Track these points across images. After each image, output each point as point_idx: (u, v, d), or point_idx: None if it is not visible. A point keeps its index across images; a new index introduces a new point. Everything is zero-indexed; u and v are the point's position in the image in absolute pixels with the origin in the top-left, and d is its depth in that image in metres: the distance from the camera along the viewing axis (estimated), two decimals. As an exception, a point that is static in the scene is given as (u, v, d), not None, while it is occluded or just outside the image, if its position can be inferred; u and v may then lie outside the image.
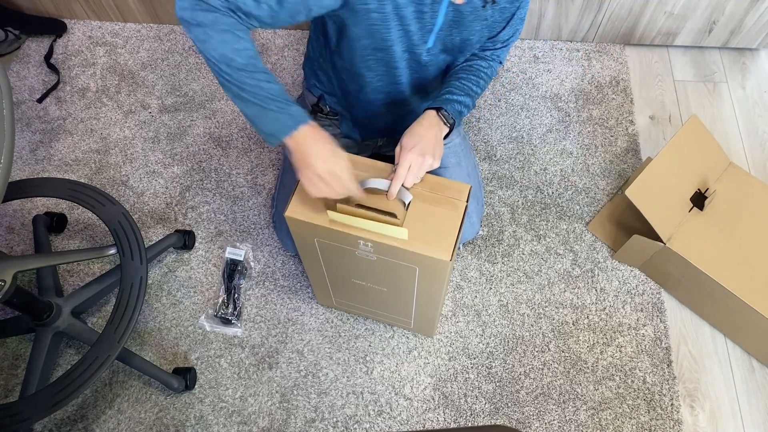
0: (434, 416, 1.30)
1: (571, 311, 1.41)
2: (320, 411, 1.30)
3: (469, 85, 1.11)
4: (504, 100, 1.73)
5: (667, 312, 1.41)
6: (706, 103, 1.72)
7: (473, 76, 1.13)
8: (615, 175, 1.59)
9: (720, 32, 1.74)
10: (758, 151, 1.64)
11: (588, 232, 1.51)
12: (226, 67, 0.86)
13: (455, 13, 0.99)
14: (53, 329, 1.25)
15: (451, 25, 1.01)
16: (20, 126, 1.72)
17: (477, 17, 1.01)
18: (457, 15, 0.99)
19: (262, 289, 1.45)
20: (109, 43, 1.87)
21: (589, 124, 1.68)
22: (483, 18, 1.02)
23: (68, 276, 1.47)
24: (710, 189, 1.39)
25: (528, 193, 1.57)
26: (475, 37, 1.06)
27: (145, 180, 1.61)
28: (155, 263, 1.48)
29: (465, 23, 1.01)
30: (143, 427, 1.29)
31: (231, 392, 1.33)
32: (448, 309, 1.41)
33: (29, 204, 1.58)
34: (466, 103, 1.10)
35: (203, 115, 1.72)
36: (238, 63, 0.86)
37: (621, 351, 1.36)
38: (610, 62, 1.79)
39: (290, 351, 1.37)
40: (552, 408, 1.30)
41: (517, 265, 1.47)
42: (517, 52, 1.81)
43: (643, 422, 1.28)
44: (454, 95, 1.08)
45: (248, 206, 1.56)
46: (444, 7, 0.96)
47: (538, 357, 1.35)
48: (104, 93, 1.77)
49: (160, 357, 1.37)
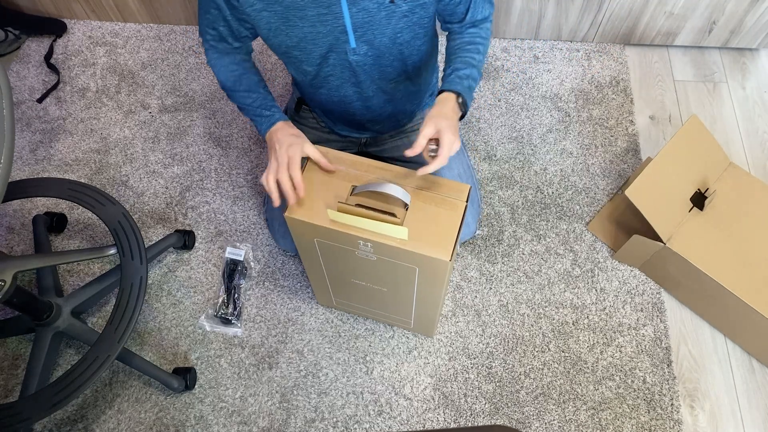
0: (434, 416, 1.30)
1: (571, 311, 1.41)
2: (320, 411, 1.30)
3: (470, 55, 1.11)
4: (504, 100, 1.73)
5: (667, 312, 1.41)
6: (706, 103, 1.72)
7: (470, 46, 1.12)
8: (615, 175, 1.59)
9: (720, 32, 1.73)
10: (758, 151, 1.64)
11: (588, 232, 1.51)
12: (224, 89, 1.16)
13: (363, 12, 0.98)
14: (53, 329, 1.25)
15: (365, 24, 1.00)
16: (20, 126, 1.72)
17: (391, 13, 0.99)
18: (366, 14, 0.98)
19: (262, 289, 1.45)
20: (109, 43, 1.87)
21: (589, 124, 1.68)
22: (401, 15, 1.00)
23: (68, 276, 1.47)
24: (710, 189, 1.39)
25: (528, 193, 1.57)
26: (405, 35, 1.04)
27: (145, 180, 1.61)
28: (155, 263, 1.48)
29: (378, 21, 1.00)
30: (143, 427, 1.29)
31: (231, 392, 1.33)
32: (448, 309, 1.41)
33: (29, 204, 1.58)
34: (473, 76, 1.11)
35: (203, 115, 1.72)
36: (228, 86, 1.15)
37: (621, 351, 1.36)
38: (610, 62, 1.79)
39: (290, 351, 1.37)
40: (552, 408, 1.30)
41: (517, 265, 1.47)
42: (517, 52, 1.81)
43: (643, 422, 1.28)
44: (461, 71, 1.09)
45: (248, 206, 1.56)
46: (344, 7, 0.96)
47: (538, 357, 1.35)
48: (104, 93, 1.77)
49: (160, 357, 1.37)
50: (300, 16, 0.98)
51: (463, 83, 1.08)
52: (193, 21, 1.88)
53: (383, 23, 1.00)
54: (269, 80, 1.78)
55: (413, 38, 1.07)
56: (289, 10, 0.97)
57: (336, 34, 1.01)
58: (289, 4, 0.96)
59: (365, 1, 0.96)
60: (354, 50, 1.05)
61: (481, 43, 1.14)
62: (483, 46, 1.14)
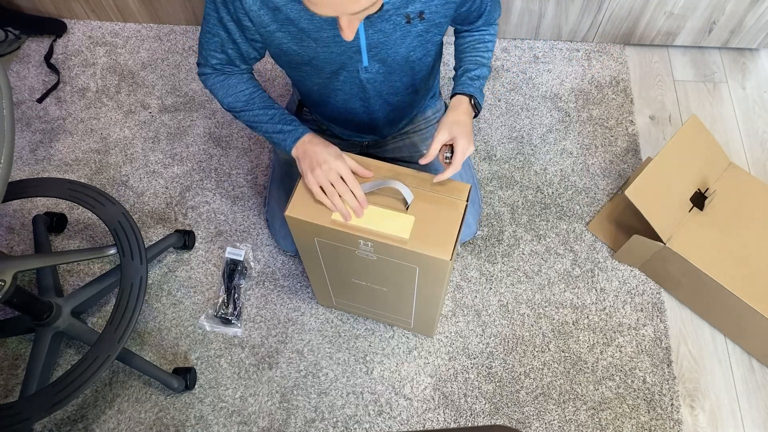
0: (434, 416, 1.30)
1: (571, 311, 1.41)
2: (320, 411, 1.30)
3: (480, 54, 1.13)
4: (504, 100, 1.73)
5: (667, 312, 1.41)
6: (706, 103, 1.72)
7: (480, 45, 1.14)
8: (615, 175, 1.59)
9: (720, 32, 1.74)
10: (758, 151, 1.64)
11: (588, 232, 1.51)
12: (232, 110, 1.11)
13: (379, 34, 0.97)
14: (53, 329, 1.25)
15: (380, 44, 0.99)
16: (20, 126, 1.72)
17: (407, 33, 0.98)
18: (381, 35, 0.97)
19: (262, 289, 1.45)
20: (109, 43, 1.87)
21: (589, 124, 1.68)
22: (416, 34, 0.99)
23: (68, 276, 1.47)
24: (710, 189, 1.39)
25: (528, 193, 1.57)
26: (418, 52, 1.03)
27: (145, 180, 1.61)
28: (155, 263, 1.48)
29: (393, 41, 0.99)
30: (143, 427, 1.29)
31: (231, 392, 1.33)
32: (448, 309, 1.41)
33: (29, 204, 1.58)
34: (484, 75, 1.13)
35: (203, 115, 1.72)
36: (238, 107, 1.10)
37: (621, 351, 1.36)
38: (610, 62, 1.79)
39: (290, 351, 1.37)
40: (552, 408, 1.30)
41: (517, 265, 1.47)
42: (517, 52, 1.81)
43: (643, 422, 1.28)
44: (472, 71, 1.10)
45: (248, 206, 1.56)
46: (360, 28, 0.95)
47: (538, 357, 1.35)
48: (104, 93, 1.77)
49: (160, 357, 1.37)
50: (315, 37, 0.96)
51: (475, 84, 1.09)
52: (193, 21, 1.88)
53: (398, 43, 0.99)
54: (269, 80, 1.78)
55: (425, 55, 1.06)
56: (305, 32, 0.95)
57: (350, 54, 0.99)
58: (305, 26, 0.94)
59: (382, 22, 0.94)
60: (366, 68, 1.03)
61: (490, 41, 1.15)
62: (491, 44, 1.15)
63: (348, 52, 0.99)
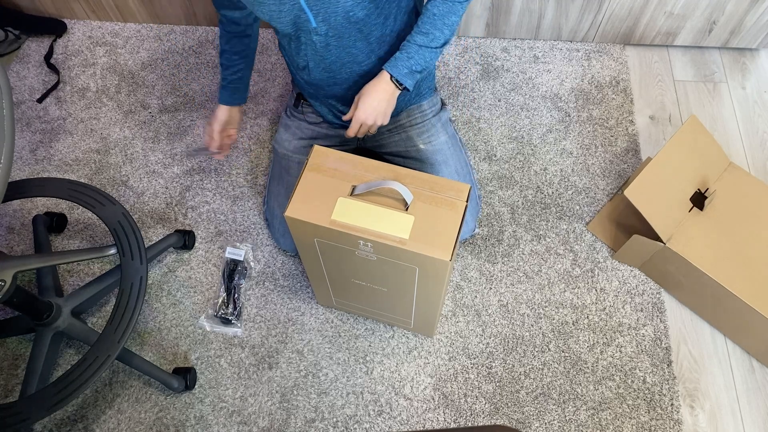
0: (434, 416, 1.30)
1: (571, 311, 1.41)
2: (320, 411, 1.30)
3: (422, 34, 1.10)
4: (504, 100, 1.73)
5: (667, 312, 1.41)
6: (706, 103, 1.72)
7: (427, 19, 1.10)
8: (615, 175, 1.59)
9: (720, 32, 1.74)
10: (758, 151, 1.64)
11: (588, 232, 1.51)
12: None
13: None
14: (53, 329, 1.25)
15: (317, 1, 1.02)
16: (20, 126, 1.72)
17: None
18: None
19: (262, 289, 1.45)
20: (109, 43, 1.87)
21: (589, 124, 1.68)
22: None
23: (68, 276, 1.47)
24: (710, 189, 1.39)
25: (528, 193, 1.57)
26: (358, 12, 1.05)
27: (145, 180, 1.61)
28: (155, 263, 1.48)
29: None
30: (143, 427, 1.29)
31: (231, 392, 1.33)
32: (448, 309, 1.41)
33: (29, 204, 1.58)
34: (418, 60, 1.11)
35: (203, 115, 1.72)
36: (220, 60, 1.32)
37: (621, 351, 1.36)
38: (610, 62, 1.79)
39: (290, 351, 1.37)
40: (552, 408, 1.30)
41: (517, 265, 1.47)
42: (517, 52, 1.81)
43: (643, 422, 1.28)
44: (403, 52, 1.12)
45: (248, 206, 1.56)
46: None
47: (538, 357, 1.35)
48: (104, 93, 1.77)
49: (160, 357, 1.37)
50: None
51: (401, 65, 1.11)
52: (193, 21, 1.88)
53: (333, 1, 1.02)
54: (269, 80, 1.78)
55: (367, 16, 1.07)
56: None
57: (296, 12, 1.05)
58: None
59: None
60: (316, 30, 1.07)
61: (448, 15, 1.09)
62: (450, 18, 1.09)
63: (294, 10, 1.04)
